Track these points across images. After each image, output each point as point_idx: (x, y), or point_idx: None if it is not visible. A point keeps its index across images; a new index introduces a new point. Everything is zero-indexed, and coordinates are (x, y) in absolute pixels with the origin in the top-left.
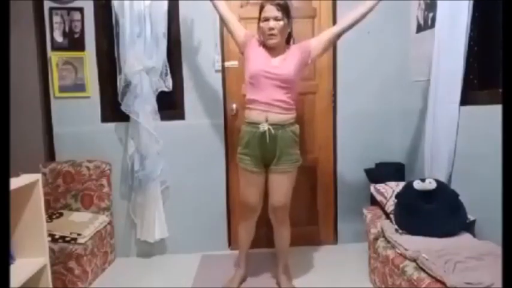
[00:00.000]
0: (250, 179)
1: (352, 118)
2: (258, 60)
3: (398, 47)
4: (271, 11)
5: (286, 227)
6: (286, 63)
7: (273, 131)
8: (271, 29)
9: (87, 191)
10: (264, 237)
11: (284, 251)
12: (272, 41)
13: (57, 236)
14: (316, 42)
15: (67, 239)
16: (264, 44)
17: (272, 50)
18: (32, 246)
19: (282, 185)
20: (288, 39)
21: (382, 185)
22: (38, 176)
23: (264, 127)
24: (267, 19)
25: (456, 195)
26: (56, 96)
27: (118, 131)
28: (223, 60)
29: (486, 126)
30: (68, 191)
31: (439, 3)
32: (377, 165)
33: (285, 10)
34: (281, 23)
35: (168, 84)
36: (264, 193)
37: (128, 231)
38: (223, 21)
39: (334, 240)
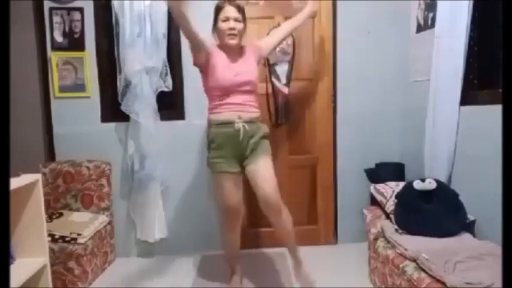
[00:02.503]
0: (228, 181)
1: (352, 118)
2: (224, 70)
3: (398, 47)
4: (231, 11)
5: (285, 215)
6: (247, 67)
7: (247, 127)
8: (232, 29)
9: (87, 191)
10: (259, 237)
11: (291, 242)
12: (233, 41)
13: (57, 236)
14: (266, 44)
15: (67, 239)
16: (222, 48)
17: (231, 54)
18: (32, 246)
19: (265, 173)
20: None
21: (382, 185)
22: (38, 176)
23: (239, 124)
24: (227, 19)
25: (456, 195)
26: (56, 96)
27: (118, 131)
28: None
29: (486, 126)
30: (68, 191)
31: (439, 3)
32: (377, 165)
33: (243, 13)
34: (241, 24)
35: (168, 84)
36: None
37: (128, 231)
38: (189, 35)
39: (334, 240)
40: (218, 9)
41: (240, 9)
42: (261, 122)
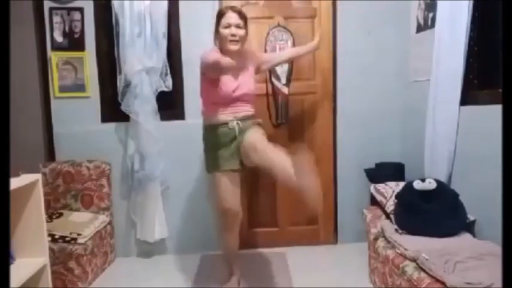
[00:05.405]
0: (225, 179)
1: (352, 118)
2: (226, 85)
3: (398, 47)
4: (233, 18)
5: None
6: (246, 80)
7: (241, 124)
8: (234, 35)
9: (87, 191)
10: (258, 237)
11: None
12: (234, 47)
13: (57, 236)
14: (266, 60)
15: (67, 239)
16: (223, 54)
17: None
18: (32, 246)
19: (252, 134)
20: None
21: (382, 185)
22: (38, 176)
23: (233, 123)
24: (229, 25)
25: (456, 195)
26: (56, 96)
27: (118, 131)
28: None
29: (486, 126)
30: (68, 191)
31: (439, 3)
32: (377, 165)
33: (245, 19)
34: (243, 31)
35: (168, 84)
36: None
37: (128, 231)
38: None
39: (334, 240)
40: (220, 15)
41: (242, 16)
42: (254, 118)
